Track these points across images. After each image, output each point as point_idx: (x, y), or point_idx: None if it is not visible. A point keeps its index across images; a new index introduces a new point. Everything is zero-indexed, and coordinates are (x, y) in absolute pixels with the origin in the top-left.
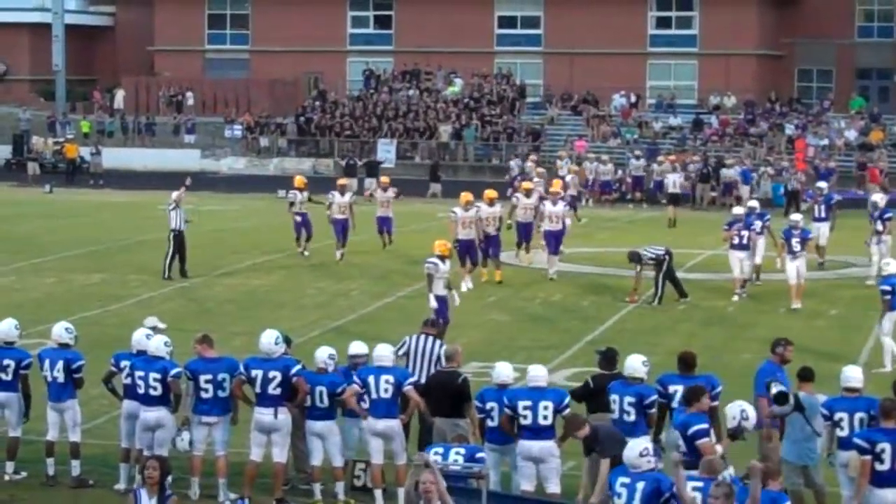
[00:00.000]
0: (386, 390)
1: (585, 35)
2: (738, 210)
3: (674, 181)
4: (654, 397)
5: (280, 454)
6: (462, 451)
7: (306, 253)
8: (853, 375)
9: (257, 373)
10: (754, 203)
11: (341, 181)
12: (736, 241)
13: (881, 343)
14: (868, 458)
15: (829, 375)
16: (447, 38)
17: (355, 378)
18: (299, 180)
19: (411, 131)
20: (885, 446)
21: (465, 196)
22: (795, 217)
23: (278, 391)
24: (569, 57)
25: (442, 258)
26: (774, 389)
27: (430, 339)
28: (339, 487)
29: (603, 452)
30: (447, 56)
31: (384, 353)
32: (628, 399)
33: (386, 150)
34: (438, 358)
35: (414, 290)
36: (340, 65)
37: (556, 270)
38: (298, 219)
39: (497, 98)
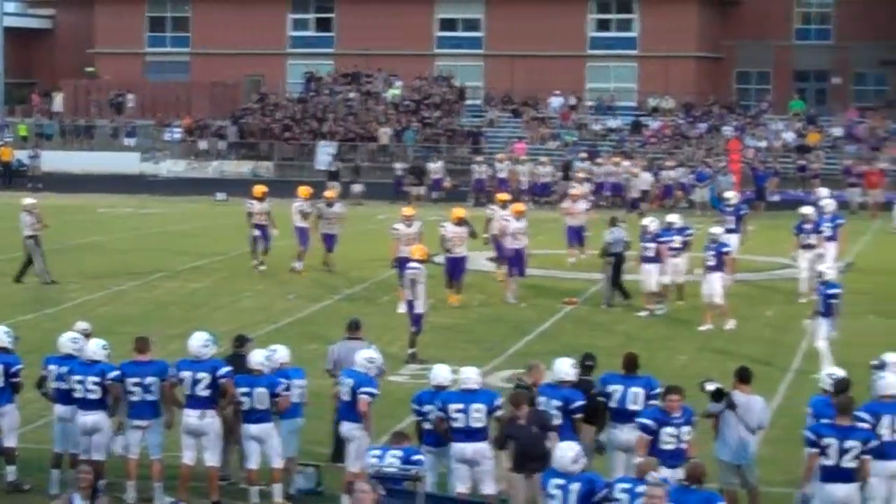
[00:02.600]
0: (346, 393)
1: (526, 37)
2: (646, 221)
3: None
4: (581, 402)
5: (212, 458)
6: (399, 453)
7: (262, 267)
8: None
9: (186, 374)
10: (673, 217)
11: (329, 192)
12: (644, 253)
13: (818, 349)
14: (815, 451)
15: (761, 379)
16: (388, 40)
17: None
18: (258, 189)
19: (352, 134)
20: (832, 442)
21: (407, 210)
22: (714, 230)
23: (207, 393)
24: (509, 59)
25: (422, 262)
26: (710, 387)
27: (356, 343)
28: (277, 490)
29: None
30: (388, 59)
31: (358, 359)
32: (554, 402)
33: (326, 153)
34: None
35: (352, 294)
36: (281, 67)
37: (511, 295)
38: (257, 231)
39: (437, 100)
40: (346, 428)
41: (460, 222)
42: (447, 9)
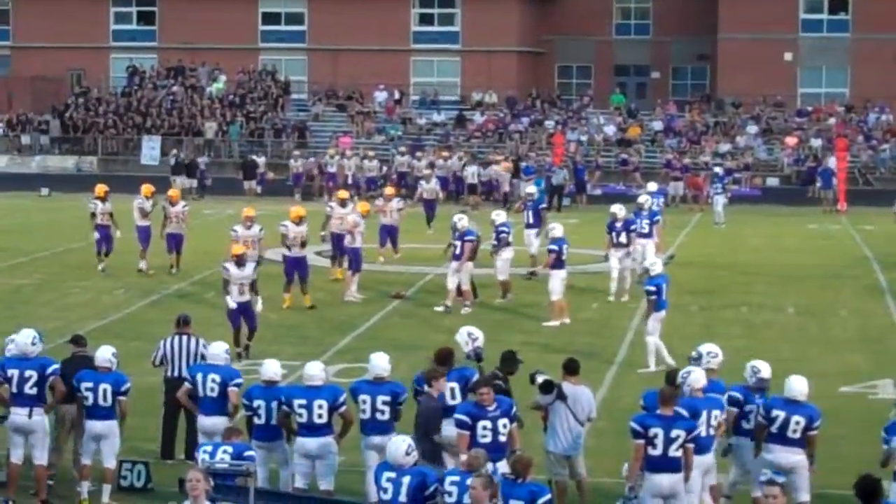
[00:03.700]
0: (212, 389)
1: (349, 31)
2: (457, 217)
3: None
4: (406, 395)
5: (40, 456)
6: (230, 449)
7: (102, 270)
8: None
9: (13, 372)
10: (496, 214)
11: (174, 192)
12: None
13: (646, 343)
14: (642, 442)
15: (587, 371)
16: (211, 34)
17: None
18: (100, 189)
19: (176, 128)
20: (658, 431)
21: (247, 211)
22: (549, 227)
23: (34, 391)
24: (333, 53)
25: (238, 263)
26: (539, 379)
27: (186, 338)
28: (106, 490)
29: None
30: (212, 52)
31: (217, 353)
32: (382, 398)
33: (150, 148)
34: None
35: (180, 290)
36: (104, 61)
37: (355, 291)
38: (97, 234)
39: (262, 95)
40: (213, 422)
41: (300, 221)
42: (270, 3)
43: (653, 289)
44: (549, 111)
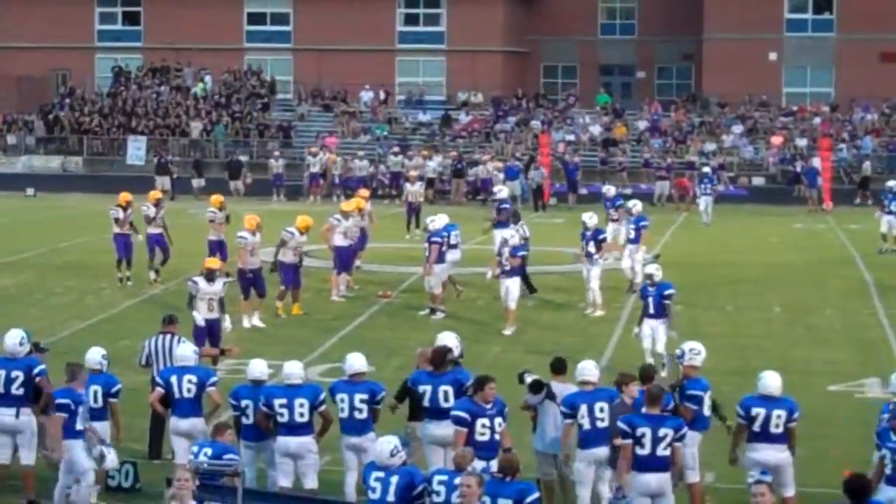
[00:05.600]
0: (189, 390)
1: (335, 31)
2: (431, 219)
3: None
4: (384, 393)
5: (27, 456)
6: (209, 450)
7: (129, 282)
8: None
9: (0, 373)
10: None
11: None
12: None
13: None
14: (629, 442)
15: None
16: (197, 34)
17: (157, 378)
18: (122, 197)
19: (162, 129)
20: (646, 431)
21: (253, 218)
22: (507, 233)
23: (21, 391)
24: (318, 53)
25: (209, 278)
26: (529, 378)
27: (170, 337)
28: (94, 491)
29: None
30: (197, 53)
31: (186, 354)
32: (360, 396)
33: (136, 148)
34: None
35: (167, 289)
36: (89, 61)
37: (341, 292)
38: (120, 238)
39: (247, 95)
40: (192, 423)
41: (306, 231)
42: (256, 3)
43: (672, 291)
44: (534, 111)
